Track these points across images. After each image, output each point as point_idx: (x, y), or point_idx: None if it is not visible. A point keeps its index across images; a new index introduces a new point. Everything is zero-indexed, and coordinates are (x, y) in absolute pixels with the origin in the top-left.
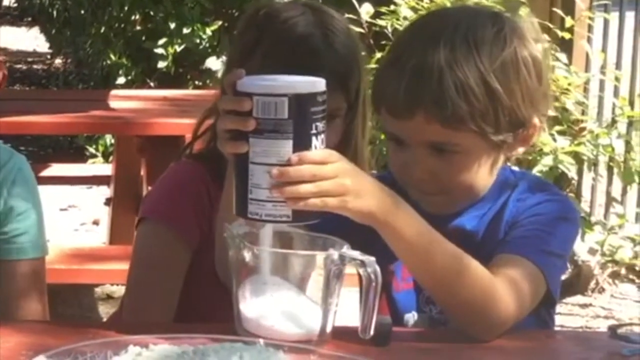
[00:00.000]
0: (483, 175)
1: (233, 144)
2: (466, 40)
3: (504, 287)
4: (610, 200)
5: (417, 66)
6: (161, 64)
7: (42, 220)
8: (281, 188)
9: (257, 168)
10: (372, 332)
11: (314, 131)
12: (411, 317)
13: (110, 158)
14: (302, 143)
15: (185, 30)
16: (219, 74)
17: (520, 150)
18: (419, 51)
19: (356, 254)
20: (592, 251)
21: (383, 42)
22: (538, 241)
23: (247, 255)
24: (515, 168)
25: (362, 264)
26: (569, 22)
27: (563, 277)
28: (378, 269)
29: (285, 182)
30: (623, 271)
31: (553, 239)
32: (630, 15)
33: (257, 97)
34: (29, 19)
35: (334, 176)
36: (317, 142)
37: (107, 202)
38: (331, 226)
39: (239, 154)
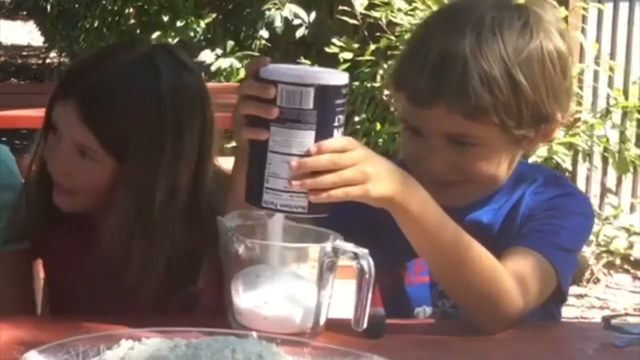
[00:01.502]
0: (502, 169)
1: (253, 130)
2: (492, 31)
3: (512, 278)
4: (605, 190)
5: (440, 55)
6: None
7: (24, 212)
8: (302, 180)
9: (276, 157)
10: (365, 325)
11: (336, 123)
12: (422, 311)
13: None
14: (324, 135)
15: (179, 23)
16: (213, 67)
17: (540, 145)
18: (443, 40)
19: (349, 246)
20: (587, 242)
21: (377, 34)
22: (552, 236)
23: (239, 248)
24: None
25: (355, 256)
26: (562, 12)
27: None
28: (371, 261)
29: (306, 173)
30: (618, 261)
31: (567, 234)
32: (624, 6)
33: (283, 85)
34: (24, 13)
35: (353, 164)
36: (337, 134)
37: None
38: (345, 220)
39: (258, 141)
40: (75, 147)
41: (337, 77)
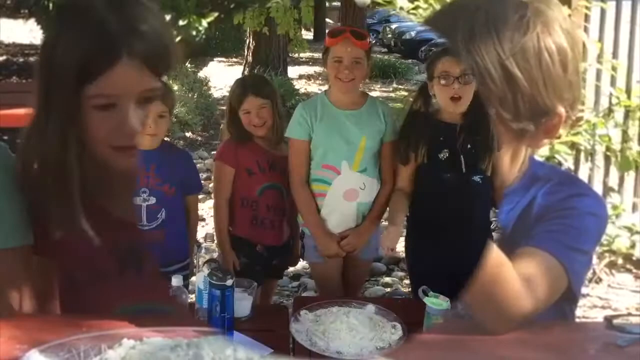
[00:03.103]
0: (504, 165)
1: None
2: (486, 25)
3: (519, 279)
4: (607, 190)
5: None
6: None
7: (24, 209)
8: None
9: None
10: None
11: None
12: None
13: None
14: None
15: (181, 22)
16: None
17: (546, 141)
18: (438, 37)
19: None
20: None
21: None
22: (563, 236)
23: None
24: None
25: None
26: (565, 11)
27: None
28: None
29: None
30: (620, 261)
31: (579, 235)
32: (626, 5)
33: None
34: (26, 11)
35: None
36: None
37: None
38: None
39: None
40: None
41: None
